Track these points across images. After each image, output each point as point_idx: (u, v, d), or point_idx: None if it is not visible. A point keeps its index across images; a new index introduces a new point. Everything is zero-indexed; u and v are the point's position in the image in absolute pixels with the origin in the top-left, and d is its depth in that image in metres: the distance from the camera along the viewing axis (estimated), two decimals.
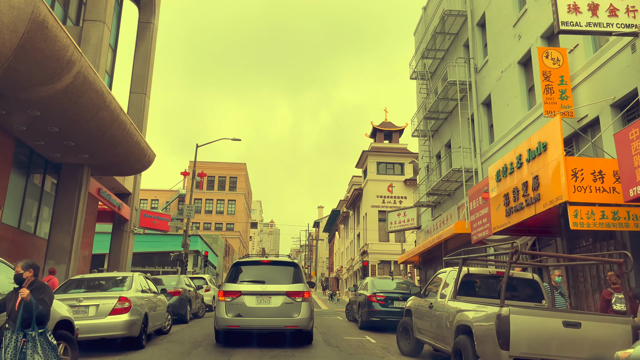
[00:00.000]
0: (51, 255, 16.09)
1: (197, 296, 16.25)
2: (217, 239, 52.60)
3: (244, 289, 9.14)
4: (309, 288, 9.61)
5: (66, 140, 14.95)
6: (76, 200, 16.74)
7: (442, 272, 8.10)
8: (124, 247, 22.28)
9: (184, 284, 14.34)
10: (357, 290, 15.61)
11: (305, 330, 9.31)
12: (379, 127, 47.30)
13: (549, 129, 9.74)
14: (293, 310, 9.02)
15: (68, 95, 12.41)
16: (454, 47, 20.80)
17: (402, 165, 45.40)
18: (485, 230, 13.00)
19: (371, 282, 14.32)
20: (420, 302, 8.37)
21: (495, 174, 12.21)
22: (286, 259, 10.10)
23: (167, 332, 11.12)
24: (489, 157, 16.73)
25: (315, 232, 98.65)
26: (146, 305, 9.04)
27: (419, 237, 24.67)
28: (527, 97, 14.62)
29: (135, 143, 17.06)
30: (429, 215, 23.95)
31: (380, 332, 13.24)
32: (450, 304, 6.88)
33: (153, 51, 24.87)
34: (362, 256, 45.42)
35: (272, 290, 9.12)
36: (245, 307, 8.97)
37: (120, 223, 22.48)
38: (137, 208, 23.24)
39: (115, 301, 8.02)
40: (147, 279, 10.49)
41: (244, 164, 79.61)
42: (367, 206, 44.98)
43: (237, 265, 9.86)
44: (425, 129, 23.08)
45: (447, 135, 21.41)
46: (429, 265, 23.78)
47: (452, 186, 19.74)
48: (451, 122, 20.89)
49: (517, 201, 10.85)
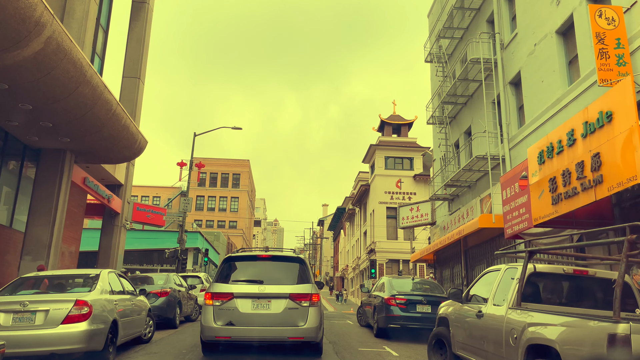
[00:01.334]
0: (28, 251, 14.37)
1: (190, 297, 14.47)
2: (219, 236, 50.83)
3: (237, 291, 7.42)
4: (317, 289, 7.89)
5: (42, 120, 13.22)
6: (57, 190, 15.01)
7: (492, 270, 6.26)
8: (115, 242, 20.55)
9: (173, 284, 12.56)
10: (372, 292, 13.74)
11: (313, 342, 7.55)
12: (387, 120, 45.37)
13: (616, 95, 7.88)
14: (298, 318, 7.29)
15: (39, 64, 10.71)
16: (475, 24, 18.92)
17: (411, 160, 43.49)
18: (524, 222, 11.14)
19: (389, 282, 12.41)
20: (462, 308, 6.54)
21: (536, 155, 10.36)
22: (290, 254, 8.34)
23: (148, 340, 9.33)
24: (518, 142, 14.87)
25: (319, 230, 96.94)
26: (116, 310, 7.26)
27: (434, 233, 22.82)
28: (567, 70, 12.73)
29: (123, 127, 15.30)
30: (445, 209, 22.09)
31: (400, 340, 11.41)
32: (512, 313, 5.05)
33: (148, 33, 23.11)
34: (369, 255, 43.56)
35: (273, 292, 7.41)
36: (238, 314, 7.23)
37: (110, 217, 20.75)
38: (130, 201, 21.50)
39: (70, 305, 6.23)
40: (124, 278, 8.70)
41: (247, 161, 78.07)
42: (374, 202, 43.10)
43: (229, 261, 8.08)
44: (441, 115, 21.20)
45: (466, 121, 19.54)
46: (445, 264, 21.93)
47: (473, 176, 17.87)
48: (472, 106, 19.01)
49: (568, 186, 9.00)
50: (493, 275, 6.11)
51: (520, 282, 5.11)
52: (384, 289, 12.26)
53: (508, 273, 5.65)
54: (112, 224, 20.69)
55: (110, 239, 20.52)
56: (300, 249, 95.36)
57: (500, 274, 5.83)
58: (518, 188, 11.46)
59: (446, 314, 7.13)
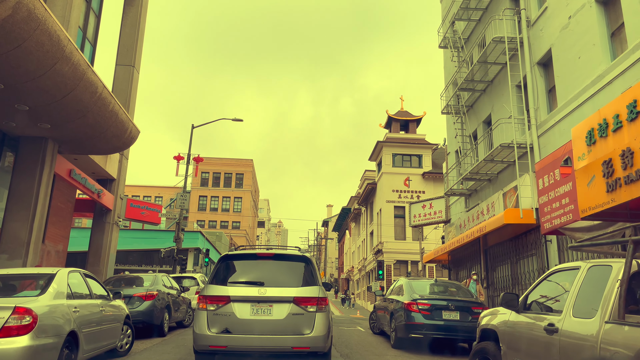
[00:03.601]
0: (3, 249, 12.95)
1: (183, 301, 12.98)
2: (222, 236, 49.38)
3: (234, 294, 6.57)
4: (325, 293, 6.97)
5: (17, 102, 11.81)
6: (37, 181, 13.59)
7: (564, 269, 4.72)
8: (106, 241, 19.12)
9: (161, 285, 11.06)
10: (387, 295, 12.16)
11: (320, 352, 6.61)
12: (395, 116, 43.81)
13: None
14: (304, 325, 6.47)
15: (8, 35, 9.32)
16: (495, 4, 17.38)
17: (420, 157, 41.92)
18: (567, 215, 9.59)
19: (408, 284, 10.78)
20: (519, 320, 5.01)
21: (584, 136, 8.82)
22: (295, 252, 7.38)
23: (125, 353, 7.84)
24: (549, 128, 13.32)
25: (324, 231, 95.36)
26: (76, 319, 5.78)
27: (449, 232, 21.26)
28: (609, 43, 11.18)
29: (111, 113, 13.89)
30: (461, 206, 20.53)
31: (422, 353, 9.86)
32: (613, 331, 3.53)
33: (143, 19, 21.70)
34: (376, 255, 41.98)
35: (275, 295, 6.56)
36: (235, 320, 6.42)
37: (102, 214, 19.32)
38: (123, 196, 20.06)
39: (7, 314, 4.77)
40: (92, 279, 7.20)
41: (250, 160, 76.78)
42: (381, 201, 41.53)
43: (226, 260, 7.20)
44: (457, 104, 19.66)
45: (485, 109, 17.99)
46: (461, 265, 20.37)
47: (495, 168, 16.31)
48: (492, 93, 17.47)
49: (630, 168, 7.45)
50: (566, 276, 4.57)
51: (622, 286, 3.58)
52: (402, 291, 10.68)
53: (595, 273, 4.12)
54: (104, 221, 19.27)
55: (101, 238, 19.09)
56: (305, 250, 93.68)
57: (580, 275, 4.30)
58: (559, 175, 9.91)
59: (493, 325, 5.61)
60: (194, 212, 73.60)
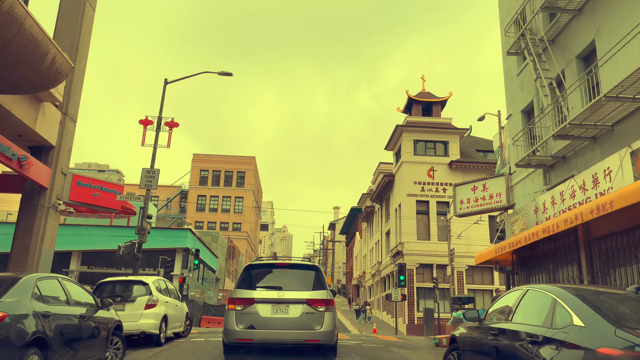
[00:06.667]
0: None
1: (100, 324, 7.09)
2: (218, 236, 43.62)
3: (257, 296, 8.28)
4: (332, 296, 8.60)
5: None
6: None
7: None
8: (38, 231, 13.53)
9: (26, 300, 5.37)
10: (492, 320, 6.09)
11: (328, 345, 8.38)
12: (416, 97, 38.09)
13: None
14: (315, 322, 8.20)
15: None
16: None
17: (445, 144, 36.16)
18: None
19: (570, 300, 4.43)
20: None
21: None
22: (306, 262, 9.10)
23: None
24: None
25: (330, 234, 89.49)
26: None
27: (514, 220, 15.50)
28: None
29: (19, 28, 8.48)
30: (535, 183, 14.81)
31: None
32: None
33: None
34: (395, 258, 36.17)
35: (291, 297, 8.28)
36: (259, 318, 8.13)
37: (32, 193, 13.77)
38: (66, 171, 14.48)
39: None
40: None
41: (252, 157, 71.29)
42: (401, 195, 35.78)
43: (250, 269, 8.89)
44: (533, 37, 13.88)
45: (583, 36, 12.32)
46: (535, 267, 14.53)
47: (611, 116, 10.60)
48: (595, 10, 11.80)
49: None
50: None
51: None
52: (557, 316, 4.58)
53: None
54: (35, 204, 13.69)
55: (30, 227, 13.50)
56: (310, 255, 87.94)
57: None
58: None
59: None
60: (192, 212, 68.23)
